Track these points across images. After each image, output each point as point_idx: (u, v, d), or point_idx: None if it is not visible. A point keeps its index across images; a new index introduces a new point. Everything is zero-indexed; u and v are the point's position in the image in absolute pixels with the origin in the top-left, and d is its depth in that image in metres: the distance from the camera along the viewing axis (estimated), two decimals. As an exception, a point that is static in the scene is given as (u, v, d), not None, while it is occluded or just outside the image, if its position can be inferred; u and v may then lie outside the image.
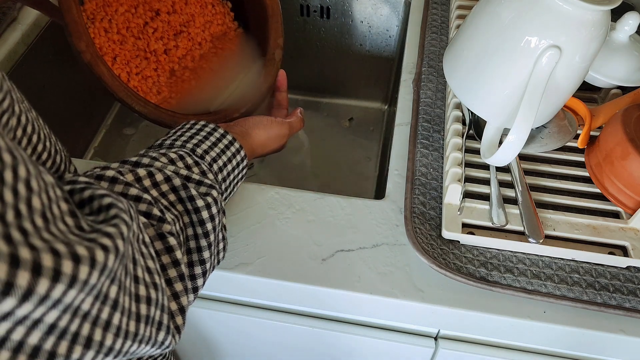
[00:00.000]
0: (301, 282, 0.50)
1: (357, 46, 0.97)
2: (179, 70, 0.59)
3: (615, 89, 0.63)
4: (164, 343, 0.34)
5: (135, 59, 0.54)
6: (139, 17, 0.55)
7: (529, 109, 0.46)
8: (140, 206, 0.37)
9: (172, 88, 0.58)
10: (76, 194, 0.31)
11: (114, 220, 0.28)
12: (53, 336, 0.24)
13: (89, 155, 0.91)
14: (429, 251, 0.50)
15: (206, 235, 0.42)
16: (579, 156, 0.58)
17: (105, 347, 0.28)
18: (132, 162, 0.42)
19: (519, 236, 0.51)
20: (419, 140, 0.60)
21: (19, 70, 0.72)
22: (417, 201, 0.54)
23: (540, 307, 0.49)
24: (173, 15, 0.58)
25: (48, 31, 0.77)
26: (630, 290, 0.48)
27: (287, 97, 0.67)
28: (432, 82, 0.67)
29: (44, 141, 0.34)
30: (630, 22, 0.58)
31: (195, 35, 0.60)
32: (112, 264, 0.26)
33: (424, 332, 0.58)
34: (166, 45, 0.58)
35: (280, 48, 0.64)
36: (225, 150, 0.49)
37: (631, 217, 0.52)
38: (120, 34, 0.53)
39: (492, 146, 0.54)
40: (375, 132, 0.99)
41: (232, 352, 0.72)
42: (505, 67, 0.48)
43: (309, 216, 0.55)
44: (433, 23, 0.75)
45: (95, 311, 0.27)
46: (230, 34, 0.64)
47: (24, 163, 0.23)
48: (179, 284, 0.38)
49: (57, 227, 0.24)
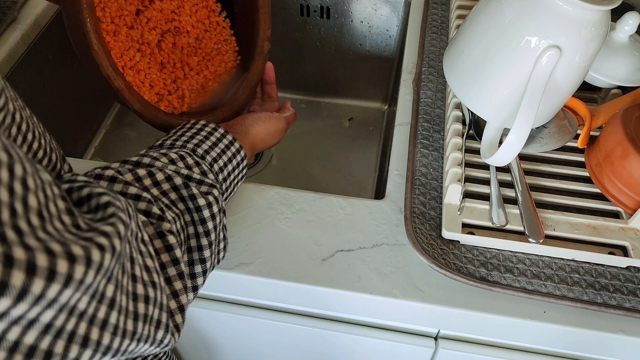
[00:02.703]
0: (301, 282, 0.50)
1: (357, 46, 0.97)
2: (169, 63, 0.59)
3: (615, 89, 0.63)
4: (163, 341, 0.34)
5: (129, 52, 0.54)
6: (131, 3, 0.54)
7: (529, 109, 0.46)
8: (139, 205, 0.37)
9: (165, 83, 0.57)
10: (74, 192, 0.31)
11: (111, 219, 0.28)
12: (49, 336, 0.24)
13: (89, 155, 0.91)
14: (429, 251, 0.50)
15: (207, 234, 0.42)
16: (579, 156, 0.58)
17: (103, 346, 0.28)
18: (133, 162, 0.42)
19: (519, 236, 0.51)
20: (419, 140, 0.60)
21: (19, 70, 0.72)
22: (417, 201, 0.54)
23: (540, 307, 0.49)
24: (165, 2, 0.57)
25: (48, 31, 0.77)
26: (630, 290, 0.48)
27: (276, 88, 0.67)
28: (432, 82, 0.67)
29: (39, 139, 0.34)
30: (630, 22, 0.58)
31: (185, 23, 0.59)
32: (108, 263, 0.26)
33: (423, 332, 0.58)
34: (159, 36, 0.57)
35: (269, 40, 0.64)
36: (225, 151, 0.49)
37: (631, 217, 0.52)
38: (113, 24, 0.52)
39: (492, 146, 0.54)
40: (375, 132, 0.99)
41: (232, 352, 0.72)
42: (505, 67, 0.48)
43: (309, 216, 0.55)
44: (433, 23, 0.75)
45: (91, 310, 0.27)
46: (218, 28, 0.64)
47: (20, 161, 0.23)
48: (178, 283, 0.38)
49: (53, 226, 0.24)
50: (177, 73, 0.59)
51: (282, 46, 1.00)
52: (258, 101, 0.66)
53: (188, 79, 0.60)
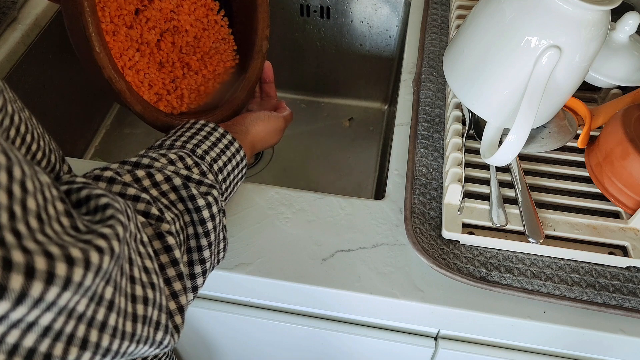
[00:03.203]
0: (301, 282, 0.50)
1: (357, 46, 0.97)
2: (167, 62, 0.58)
3: (615, 89, 0.63)
4: (162, 342, 0.34)
5: (128, 51, 0.54)
6: (130, 3, 0.54)
7: (529, 109, 0.46)
8: (138, 205, 0.37)
9: (164, 82, 0.57)
10: (73, 194, 0.31)
11: (110, 221, 0.28)
12: (48, 338, 0.24)
13: (89, 155, 0.91)
14: (429, 251, 0.50)
15: (206, 235, 0.42)
16: (579, 156, 0.58)
17: (102, 348, 0.28)
18: (132, 163, 0.42)
19: (519, 236, 0.51)
20: (419, 140, 0.60)
21: (19, 70, 0.72)
22: (417, 201, 0.54)
23: (540, 307, 0.49)
24: (164, 1, 0.57)
25: (48, 31, 0.77)
26: (630, 290, 0.48)
27: (275, 88, 0.67)
28: (432, 82, 0.67)
29: (38, 140, 0.34)
30: (630, 22, 0.58)
31: (184, 22, 0.59)
32: (107, 265, 0.26)
33: (423, 332, 0.58)
34: (158, 36, 0.57)
35: (268, 39, 0.64)
36: (225, 151, 0.49)
37: (631, 217, 0.52)
38: (113, 23, 0.52)
39: (492, 146, 0.54)
40: (375, 132, 0.99)
41: (231, 352, 0.72)
42: (506, 67, 0.48)
43: (309, 216, 0.55)
44: (433, 23, 0.75)
45: (90, 312, 0.27)
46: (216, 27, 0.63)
47: (19, 164, 0.23)
48: (177, 283, 0.38)
49: (52, 228, 0.24)
50: (176, 72, 0.59)
51: (282, 46, 1.00)
52: (257, 100, 0.66)
53: (187, 78, 0.60)
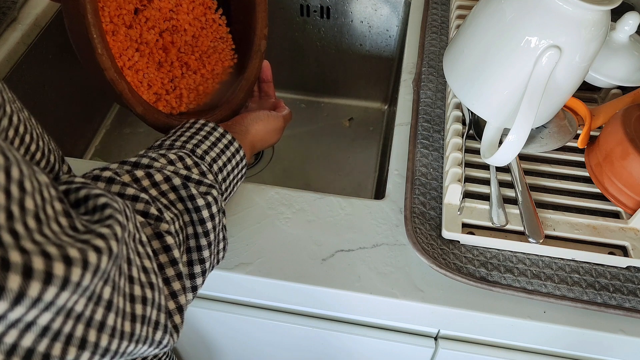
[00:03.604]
0: (301, 282, 0.50)
1: (357, 46, 0.97)
2: (166, 62, 0.58)
3: (615, 89, 0.63)
4: (161, 342, 0.34)
5: (127, 51, 0.54)
6: (130, 2, 0.54)
7: (529, 109, 0.46)
8: (137, 205, 0.37)
9: (163, 82, 0.57)
10: (72, 194, 0.31)
11: (108, 221, 0.28)
12: (47, 338, 0.24)
13: (89, 155, 0.91)
14: (429, 251, 0.50)
15: (206, 234, 0.41)
16: (579, 156, 0.58)
17: (101, 348, 0.28)
18: (131, 163, 0.42)
19: (519, 236, 0.51)
20: (419, 140, 0.60)
21: (19, 70, 0.72)
22: (417, 201, 0.54)
23: (540, 307, 0.49)
24: (164, 1, 0.57)
25: (48, 31, 0.77)
26: (630, 290, 0.48)
27: (274, 87, 0.67)
28: (432, 82, 0.67)
29: (37, 141, 0.34)
30: (630, 22, 0.58)
31: (183, 22, 0.59)
32: (105, 265, 0.26)
33: (423, 332, 0.58)
34: (157, 35, 0.57)
35: (266, 39, 0.63)
36: (224, 150, 0.49)
37: (631, 217, 0.51)
38: (112, 23, 0.52)
39: (492, 146, 0.54)
40: (375, 132, 0.99)
41: (232, 352, 0.72)
42: (506, 67, 0.48)
43: (309, 216, 0.55)
44: (433, 23, 0.75)
45: (88, 312, 0.27)
46: (214, 26, 0.63)
47: (17, 164, 0.23)
48: (176, 283, 0.37)
49: (50, 228, 0.24)
50: (174, 72, 0.59)
51: (282, 46, 1.00)
52: (255, 99, 0.66)
53: (185, 78, 0.60)
